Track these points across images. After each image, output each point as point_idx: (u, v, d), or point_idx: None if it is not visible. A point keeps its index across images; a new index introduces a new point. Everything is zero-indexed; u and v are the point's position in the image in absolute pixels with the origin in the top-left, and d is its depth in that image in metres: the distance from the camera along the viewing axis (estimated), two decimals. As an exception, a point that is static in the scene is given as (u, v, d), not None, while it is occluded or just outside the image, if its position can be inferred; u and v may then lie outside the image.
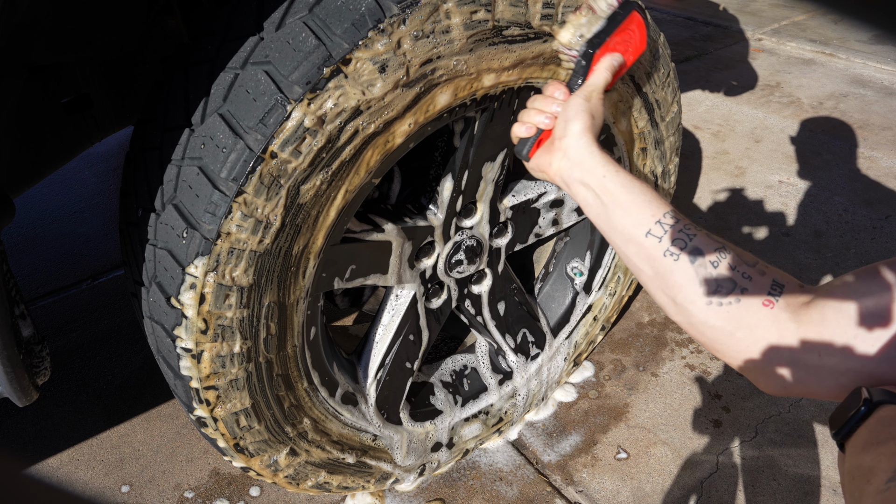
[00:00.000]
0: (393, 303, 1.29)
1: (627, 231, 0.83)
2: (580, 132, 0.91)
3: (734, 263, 0.76)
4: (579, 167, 0.90)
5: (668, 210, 0.82)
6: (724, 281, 0.76)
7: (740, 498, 1.48)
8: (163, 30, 1.11)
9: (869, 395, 0.69)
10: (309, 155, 0.91)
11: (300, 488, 1.29)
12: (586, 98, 0.95)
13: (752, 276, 0.76)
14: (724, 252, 0.78)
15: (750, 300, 0.75)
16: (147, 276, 1.00)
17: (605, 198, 0.86)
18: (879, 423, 0.68)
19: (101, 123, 1.23)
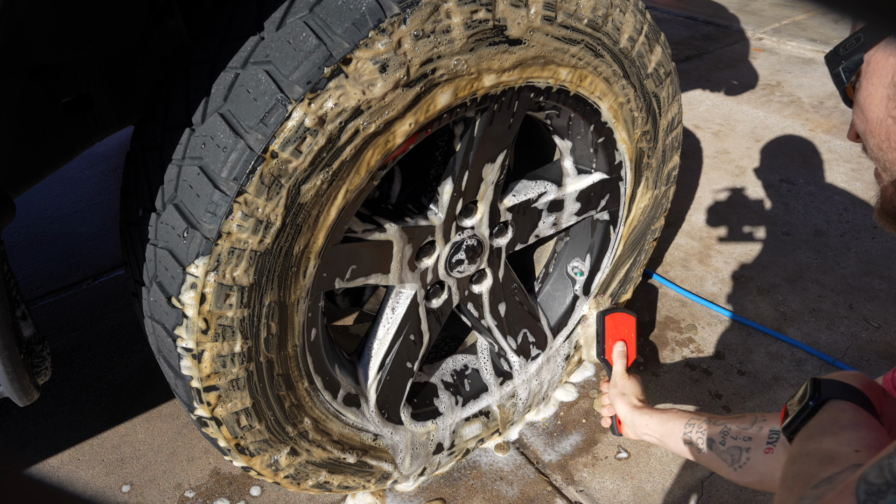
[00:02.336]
0: (393, 302, 1.29)
1: (675, 446, 1.17)
2: (624, 413, 1.32)
3: (736, 434, 1.02)
4: (636, 429, 1.29)
5: (687, 420, 1.14)
6: (733, 450, 1.02)
7: (741, 497, 1.48)
8: (163, 29, 1.11)
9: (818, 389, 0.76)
10: (309, 155, 0.91)
11: (301, 488, 1.29)
12: (617, 389, 1.37)
13: (752, 437, 1.00)
14: (727, 431, 1.04)
15: (756, 455, 0.99)
16: (148, 275, 1.00)
17: (657, 436, 1.24)
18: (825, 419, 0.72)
19: (101, 123, 1.23)
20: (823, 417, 0.73)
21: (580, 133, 1.36)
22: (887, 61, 0.66)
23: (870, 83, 0.69)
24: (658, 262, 2.23)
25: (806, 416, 0.75)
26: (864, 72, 0.69)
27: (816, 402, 0.75)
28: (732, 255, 2.25)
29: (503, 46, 1.02)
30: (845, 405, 0.73)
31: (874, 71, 0.68)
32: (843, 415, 0.72)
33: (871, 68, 0.68)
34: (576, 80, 1.19)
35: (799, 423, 0.75)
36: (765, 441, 0.98)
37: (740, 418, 1.04)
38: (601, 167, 1.42)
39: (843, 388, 0.75)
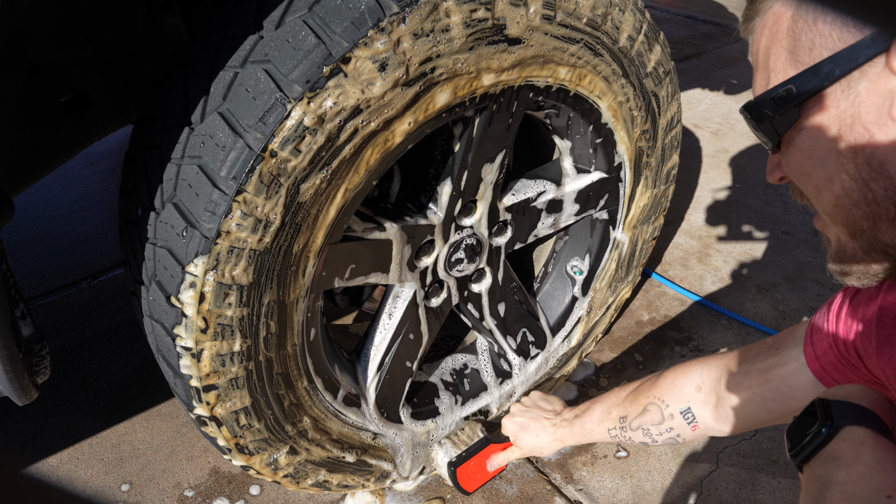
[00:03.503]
0: (393, 301, 1.29)
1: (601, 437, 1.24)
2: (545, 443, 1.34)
3: (659, 431, 1.11)
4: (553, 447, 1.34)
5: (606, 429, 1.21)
6: (667, 441, 1.12)
7: (740, 496, 1.48)
8: (162, 28, 1.11)
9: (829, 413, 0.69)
10: (309, 154, 0.91)
11: (300, 487, 1.29)
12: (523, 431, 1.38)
13: (674, 427, 1.09)
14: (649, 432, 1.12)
15: (686, 435, 1.09)
16: (147, 274, 1.00)
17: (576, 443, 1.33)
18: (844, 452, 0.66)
19: (100, 122, 1.23)
20: (841, 449, 0.66)
21: (579, 132, 1.36)
22: (832, 112, 0.59)
23: (809, 136, 0.62)
24: (657, 260, 2.23)
25: (818, 445, 0.68)
26: (800, 125, 0.62)
27: (830, 429, 0.68)
28: (732, 254, 2.25)
29: (502, 45, 1.02)
30: (863, 434, 0.66)
31: (814, 123, 0.61)
32: (864, 448, 0.65)
33: (810, 121, 0.61)
34: (575, 79, 1.19)
35: (810, 453, 0.69)
36: (686, 425, 1.07)
37: (644, 413, 1.12)
38: (600, 166, 1.42)
39: (857, 411, 0.69)
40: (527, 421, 1.34)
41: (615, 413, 1.19)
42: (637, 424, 1.14)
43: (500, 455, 1.42)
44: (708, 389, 1.04)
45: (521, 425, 1.35)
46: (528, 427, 1.33)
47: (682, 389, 1.08)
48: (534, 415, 1.35)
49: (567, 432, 1.28)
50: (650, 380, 1.16)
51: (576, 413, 1.28)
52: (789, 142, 0.64)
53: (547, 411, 1.35)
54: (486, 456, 1.44)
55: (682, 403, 1.07)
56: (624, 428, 1.17)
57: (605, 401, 1.23)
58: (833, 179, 0.61)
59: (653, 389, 1.13)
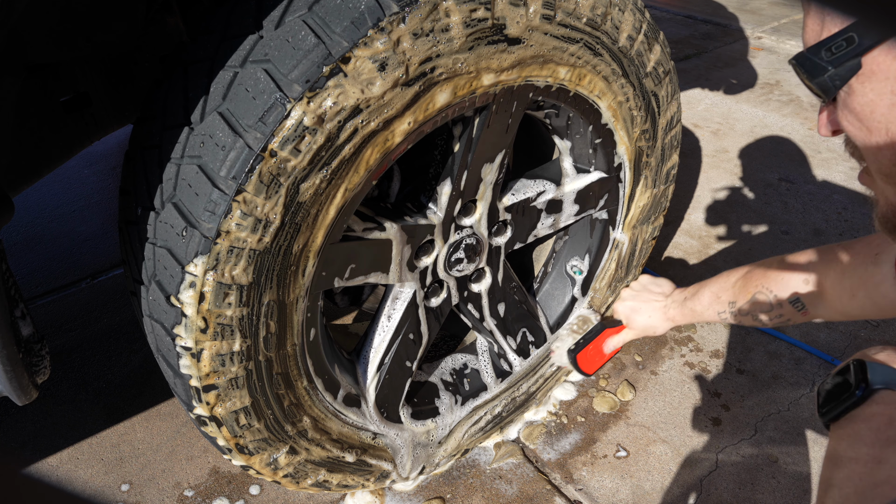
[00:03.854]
0: (393, 301, 1.29)
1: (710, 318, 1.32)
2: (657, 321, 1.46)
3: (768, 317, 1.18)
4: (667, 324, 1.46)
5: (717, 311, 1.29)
6: (778, 323, 1.18)
7: (740, 496, 1.48)
8: (162, 28, 1.11)
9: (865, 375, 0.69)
10: (308, 153, 0.91)
11: (300, 487, 1.29)
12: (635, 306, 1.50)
13: (783, 314, 1.16)
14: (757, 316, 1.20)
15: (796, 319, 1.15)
16: (146, 274, 1.00)
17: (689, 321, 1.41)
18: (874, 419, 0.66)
19: (100, 122, 1.23)
20: (874, 413, 0.66)
21: (579, 132, 1.36)
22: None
23: (873, 90, 0.57)
24: (657, 260, 2.23)
25: (851, 405, 0.68)
26: (862, 77, 0.58)
27: (864, 391, 0.68)
28: (731, 253, 2.25)
29: (502, 45, 1.02)
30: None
31: (878, 76, 0.56)
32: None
33: (874, 73, 0.56)
34: (575, 78, 1.19)
35: (840, 413, 0.69)
36: (796, 311, 1.14)
37: (753, 300, 1.19)
38: (600, 166, 1.42)
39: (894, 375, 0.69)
40: (638, 304, 1.43)
41: (724, 297, 1.25)
42: (747, 310, 1.21)
43: (615, 337, 1.51)
44: (815, 282, 1.09)
45: (633, 308, 1.43)
46: (640, 309, 1.42)
47: (790, 281, 1.14)
48: (644, 297, 1.44)
49: (678, 312, 1.36)
50: (760, 268, 1.21)
51: (685, 295, 1.35)
52: (849, 95, 0.59)
53: (656, 294, 1.43)
54: (602, 340, 1.52)
55: (790, 293, 1.13)
56: (734, 312, 1.23)
57: (715, 284, 1.29)
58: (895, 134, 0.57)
59: (763, 279, 1.18)
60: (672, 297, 1.40)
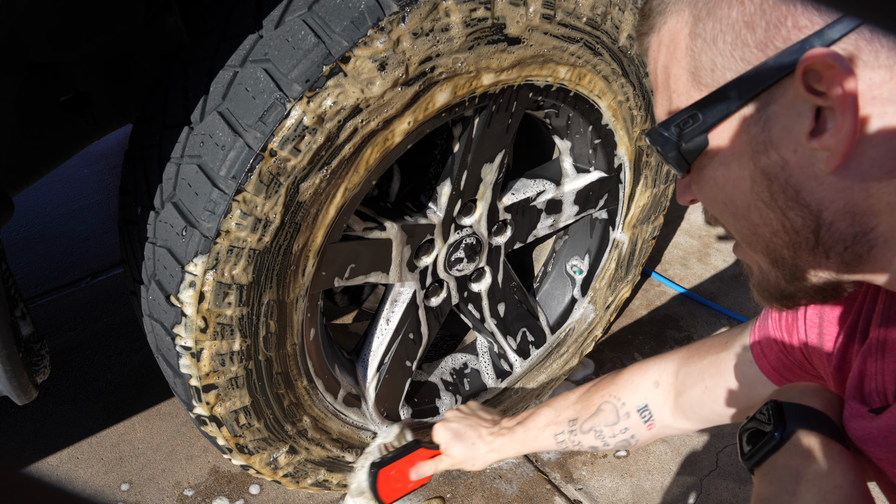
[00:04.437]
0: (392, 301, 1.29)
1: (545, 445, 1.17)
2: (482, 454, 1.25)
3: (613, 433, 1.07)
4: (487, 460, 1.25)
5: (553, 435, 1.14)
6: (621, 443, 1.08)
7: (740, 496, 1.48)
8: (162, 28, 1.11)
9: (781, 416, 0.69)
10: (308, 153, 0.91)
11: (300, 486, 1.29)
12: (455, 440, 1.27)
13: (629, 427, 1.05)
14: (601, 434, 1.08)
15: (642, 436, 1.06)
16: (146, 274, 1.00)
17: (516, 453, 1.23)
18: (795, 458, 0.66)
19: (99, 121, 1.23)
20: (792, 456, 0.66)
21: (579, 132, 1.36)
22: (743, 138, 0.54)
23: (721, 164, 0.57)
24: (657, 260, 2.23)
25: (771, 449, 0.68)
26: (710, 153, 0.57)
27: (782, 434, 0.68)
28: (731, 253, 2.25)
29: (502, 45, 1.02)
30: (814, 440, 0.66)
31: (724, 151, 0.56)
32: (815, 454, 0.65)
33: (720, 149, 0.56)
34: (575, 78, 1.19)
35: (762, 457, 0.69)
36: (642, 424, 1.04)
37: (598, 413, 1.08)
38: (600, 166, 1.42)
39: (809, 415, 0.69)
40: (463, 428, 1.23)
41: (564, 416, 1.12)
42: (589, 426, 1.09)
43: (427, 464, 1.28)
44: (666, 385, 1.01)
45: (456, 432, 1.23)
46: (464, 435, 1.22)
47: (639, 386, 1.05)
48: (471, 422, 1.24)
49: (507, 441, 1.18)
50: (605, 379, 1.11)
51: (518, 420, 1.20)
52: (700, 169, 0.59)
53: (486, 420, 1.25)
54: (412, 462, 1.29)
55: (639, 401, 1.04)
56: (574, 431, 1.10)
57: (554, 404, 1.16)
58: (750, 208, 0.57)
59: (608, 388, 1.08)
60: (502, 424, 1.22)
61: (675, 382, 1.00)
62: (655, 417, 1.03)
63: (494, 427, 1.22)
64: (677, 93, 0.58)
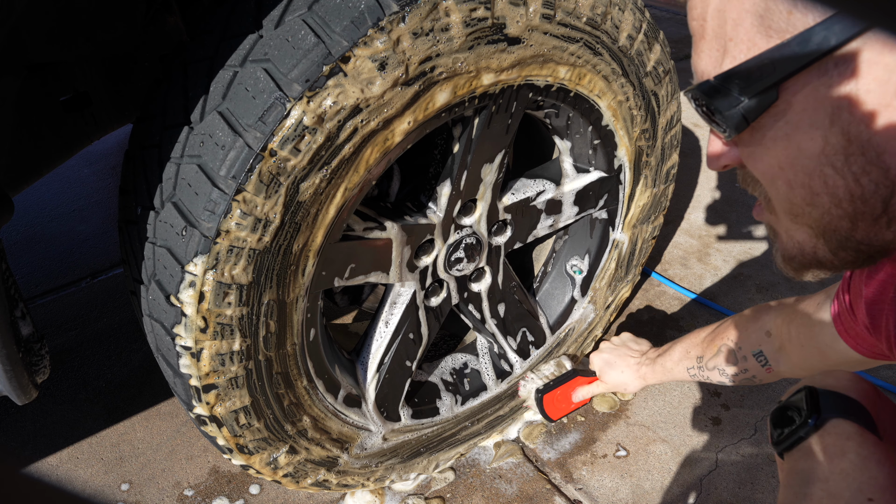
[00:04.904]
0: (392, 301, 1.29)
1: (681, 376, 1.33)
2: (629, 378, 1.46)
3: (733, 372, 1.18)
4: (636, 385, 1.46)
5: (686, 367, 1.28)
6: (742, 379, 1.18)
7: (740, 495, 1.48)
8: (161, 27, 1.11)
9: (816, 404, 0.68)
10: (308, 153, 0.91)
11: (300, 486, 1.29)
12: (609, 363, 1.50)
13: (749, 369, 1.15)
14: (724, 372, 1.19)
15: (762, 376, 1.15)
16: (146, 274, 1.00)
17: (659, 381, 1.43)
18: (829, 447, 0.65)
19: (99, 121, 1.23)
20: (826, 443, 0.65)
21: (579, 132, 1.36)
22: (823, 93, 0.48)
23: (788, 124, 0.50)
24: (657, 260, 2.23)
25: (803, 435, 0.67)
26: (777, 111, 0.50)
27: (816, 420, 0.67)
28: (731, 253, 2.25)
29: (502, 45, 1.02)
30: (849, 428, 0.65)
31: (795, 108, 0.50)
32: (849, 444, 0.64)
33: (791, 106, 0.50)
34: (575, 78, 1.19)
35: (794, 442, 0.68)
36: (761, 367, 1.13)
37: (718, 353, 1.19)
38: (600, 166, 1.42)
39: (845, 404, 0.67)
40: (614, 358, 1.43)
41: (693, 353, 1.24)
42: (713, 364, 1.19)
43: (585, 388, 1.49)
44: (776, 335, 1.09)
45: (608, 361, 1.43)
46: (615, 363, 1.41)
47: (752, 334, 1.13)
48: (621, 353, 1.43)
49: (649, 370, 1.34)
50: (728, 321, 1.21)
51: (658, 352, 1.34)
52: (758, 129, 0.52)
53: (633, 350, 1.42)
54: (572, 387, 1.51)
55: (753, 346, 1.13)
56: (701, 367, 1.22)
57: (686, 341, 1.28)
58: (813, 174, 0.51)
59: (727, 332, 1.18)
60: (647, 354, 1.40)
61: (783, 336, 1.08)
62: (771, 362, 1.11)
63: (640, 357, 1.39)
64: (737, 40, 0.50)
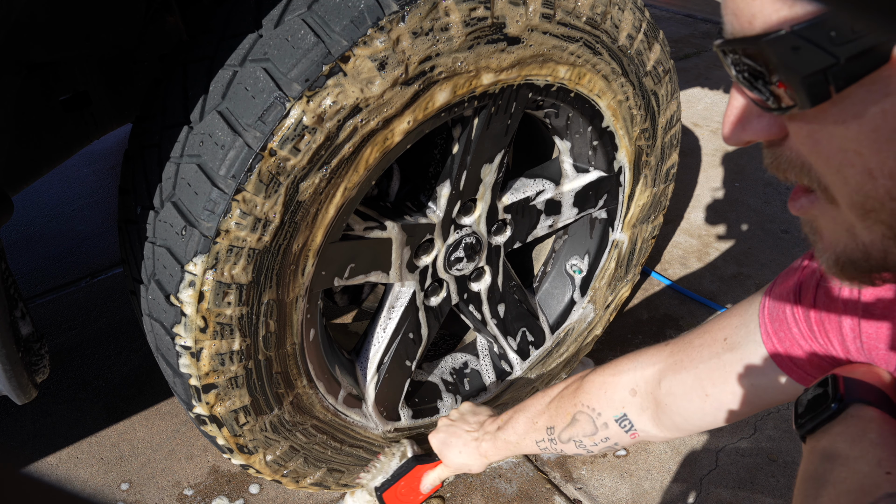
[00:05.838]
0: (392, 300, 1.29)
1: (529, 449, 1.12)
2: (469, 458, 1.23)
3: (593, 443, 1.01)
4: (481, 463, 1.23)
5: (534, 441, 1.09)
6: (605, 449, 1.02)
7: (739, 495, 1.48)
8: (161, 27, 1.11)
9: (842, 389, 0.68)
10: (308, 152, 0.91)
11: (300, 485, 1.29)
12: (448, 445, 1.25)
13: (611, 437, 0.99)
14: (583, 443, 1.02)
15: (625, 441, 0.99)
16: (146, 273, 1.00)
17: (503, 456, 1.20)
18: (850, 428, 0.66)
19: (99, 121, 1.23)
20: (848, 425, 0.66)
21: (578, 132, 1.36)
22: None
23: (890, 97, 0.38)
24: (657, 259, 2.23)
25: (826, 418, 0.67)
26: (885, 77, 0.37)
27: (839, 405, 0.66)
28: (731, 252, 2.25)
29: (502, 44, 1.02)
30: (871, 413, 0.66)
31: None
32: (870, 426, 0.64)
33: None
34: (574, 77, 1.19)
35: (817, 425, 0.68)
36: (623, 433, 0.96)
37: (573, 423, 1.01)
38: (599, 165, 1.42)
39: (869, 390, 0.68)
40: (449, 437, 1.22)
41: (541, 423, 1.06)
42: (567, 436, 1.02)
43: (431, 473, 1.31)
44: (644, 393, 0.93)
45: (445, 442, 1.23)
46: (451, 444, 1.21)
47: (613, 395, 0.96)
48: (456, 430, 1.22)
49: (490, 446, 1.15)
50: (574, 383, 1.04)
51: (498, 424, 1.15)
52: (839, 102, 0.40)
53: (471, 424, 1.22)
54: (416, 477, 1.32)
55: (615, 411, 0.96)
56: (553, 440, 1.04)
57: (529, 409, 1.10)
58: None
59: (579, 395, 1.00)
60: (485, 427, 1.18)
61: (658, 392, 0.91)
62: (637, 427, 0.95)
63: (478, 431, 1.19)
64: None
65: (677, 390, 0.88)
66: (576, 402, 1.00)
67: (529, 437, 1.08)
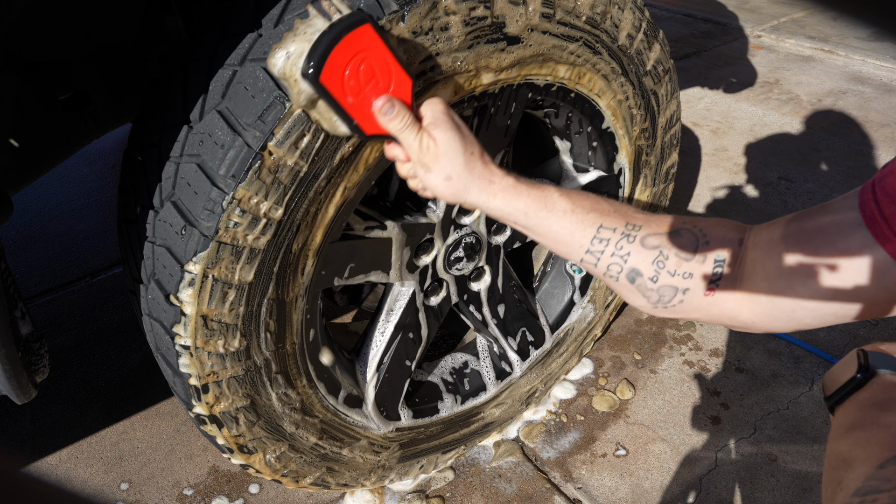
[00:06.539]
0: (392, 300, 1.29)
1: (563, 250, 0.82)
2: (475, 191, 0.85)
3: (674, 269, 0.75)
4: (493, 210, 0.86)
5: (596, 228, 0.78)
6: (666, 290, 0.76)
7: (739, 494, 1.48)
8: (161, 26, 1.11)
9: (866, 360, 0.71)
10: (308, 152, 0.91)
11: (299, 485, 1.29)
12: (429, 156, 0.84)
13: (693, 273, 0.75)
14: (662, 260, 0.76)
15: (692, 298, 0.75)
16: (146, 273, 1.00)
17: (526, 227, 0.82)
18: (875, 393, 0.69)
19: (99, 120, 1.23)
20: (875, 392, 0.69)
21: (578, 131, 1.36)
22: None
23: None
24: (656, 259, 2.23)
25: (853, 388, 0.70)
26: None
27: (865, 375, 0.70)
28: (731, 252, 2.25)
29: (501, 44, 1.02)
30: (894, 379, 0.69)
31: None
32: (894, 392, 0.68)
33: None
34: (574, 77, 1.19)
35: (845, 395, 0.71)
36: (708, 280, 0.75)
37: (673, 234, 0.77)
38: (599, 165, 1.42)
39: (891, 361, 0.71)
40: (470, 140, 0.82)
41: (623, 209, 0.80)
42: (656, 243, 0.77)
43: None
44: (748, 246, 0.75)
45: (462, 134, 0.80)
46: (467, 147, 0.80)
47: (727, 234, 0.76)
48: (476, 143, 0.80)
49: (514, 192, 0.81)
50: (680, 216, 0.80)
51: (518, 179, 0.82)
52: None
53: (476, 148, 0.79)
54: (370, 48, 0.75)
55: (721, 249, 0.76)
56: (630, 237, 0.78)
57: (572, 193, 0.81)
58: None
59: (694, 219, 0.79)
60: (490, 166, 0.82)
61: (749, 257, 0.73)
62: (723, 281, 0.75)
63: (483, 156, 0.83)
64: None
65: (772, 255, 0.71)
66: (685, 219, 0.78)
67: (592, 216, 0.78)
